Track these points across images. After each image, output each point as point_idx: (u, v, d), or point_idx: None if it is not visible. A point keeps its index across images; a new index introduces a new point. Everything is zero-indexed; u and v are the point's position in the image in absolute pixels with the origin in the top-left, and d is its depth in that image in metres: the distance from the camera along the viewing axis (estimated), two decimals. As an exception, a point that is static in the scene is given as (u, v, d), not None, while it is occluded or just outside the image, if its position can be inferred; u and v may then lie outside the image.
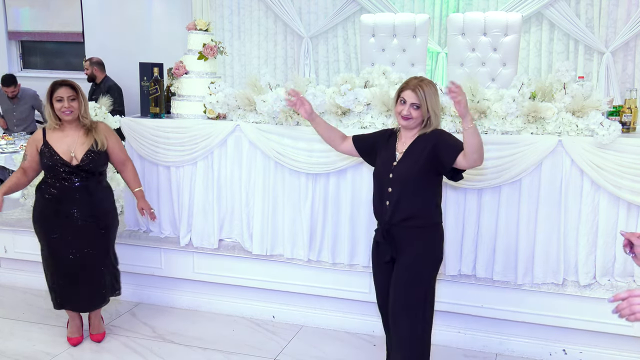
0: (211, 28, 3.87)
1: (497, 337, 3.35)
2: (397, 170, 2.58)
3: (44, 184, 3.24)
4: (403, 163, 2.58)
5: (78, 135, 3.20)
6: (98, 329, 3.46)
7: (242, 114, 3.66)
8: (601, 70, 5.34)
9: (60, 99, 3.13)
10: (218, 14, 6.40)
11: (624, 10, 5.25)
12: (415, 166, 2.54)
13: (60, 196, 3.18)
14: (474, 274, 3.34)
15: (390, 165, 2.60)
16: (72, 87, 3.17)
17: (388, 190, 2.59)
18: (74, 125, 3.21)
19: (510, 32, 4.78)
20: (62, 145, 3.16)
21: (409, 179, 2.55)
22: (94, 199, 3.25)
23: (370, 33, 5.09)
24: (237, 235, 3.78)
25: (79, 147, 3.17)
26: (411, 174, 2.55)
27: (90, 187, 3.23)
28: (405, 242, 2.58)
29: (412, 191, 2.55)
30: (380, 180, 2.65)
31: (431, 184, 2.59)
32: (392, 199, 2.58)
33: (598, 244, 3.17)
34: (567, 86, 3.17)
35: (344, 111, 3.43)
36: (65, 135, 3.19)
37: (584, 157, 3.07)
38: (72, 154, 3.16)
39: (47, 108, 3.16)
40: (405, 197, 2.56)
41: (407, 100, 2.53)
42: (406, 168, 2.56)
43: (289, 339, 3.50)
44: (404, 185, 2.55)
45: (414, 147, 2.57)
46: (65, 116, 3.15)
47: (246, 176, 3.67)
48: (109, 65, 6.59)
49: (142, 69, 3.87)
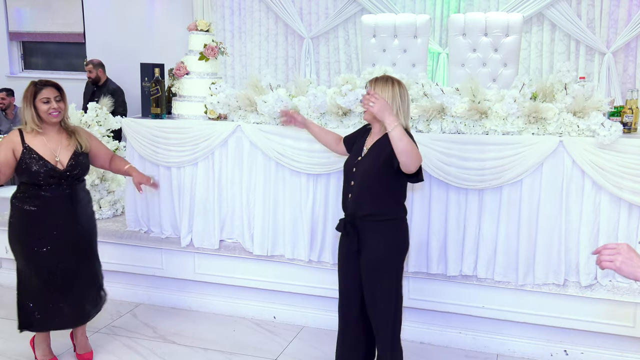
0: (212, 29, 3.88)
1: (498, 337, 3.34)
2: (360, 165, 2.64)
3: (22, 193, 2.97)
4: (366, 158, 2.64)
5: (60, 139, 2.99)
6: (85, 347, 3.25)
7: (243, 114, 3.66)
8: (602, 70, 5.34)
9: (47, 100, 2.90)
10: (219, 15, 6.40)
11: (625, 11, 5.25)
12: (375, 163, 2.59)
13: (46, 205, 2.94)
14: (475, 275, 3.34)
15: (355, 160, 2.68)
16: (57, 88, 2.97)
17: (351, 183, 2.66)
18: (56, 129, 2.99)
19: (512, 33, 4.78)
20: (45, 150, 2.93)
21: (369, 174, 2.60)
22: (80, 204, 3.07)
23: (371, 33, 5.09)
24: (238, 235, 3.78)
25: (63, 151, 2.97)
26: (371, 170, 2.60)
27: (75, 194, 3.04)
28: (367, 235, 2.63)
29: (371, 186, 2.60)
30: (346, 173, 2.73)
31: (392, 181, 2.60)
32: (354, 192, 2.65)
33: (599, 244, 3.16)
34: (568, 87, 3.17)
35: (345, 112, 3.43)
36: (48, 140, 2.96)
37: (585, 158, 3.07)
38: (57, 159, 2.94)
39: (29, 110, 2.90)
40: (365, 192, 2.61)
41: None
42: (367, 164, 2.62)
43: (289, 340, 3.50)
44: (364, 180, 2.61)
45: (378, 145, 2.63)
46: (52, 118, 2.92)
47: (247, 177, 3.68)
48: (110, 66, 6.60)
49: (143, 69, 3.88)
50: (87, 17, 7.10)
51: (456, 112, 3.22)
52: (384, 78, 2.63)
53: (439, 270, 3.37)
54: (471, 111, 3.20)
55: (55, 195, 2.96)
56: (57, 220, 2.98)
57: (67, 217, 3.01)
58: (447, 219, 3.34)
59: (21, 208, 2.97)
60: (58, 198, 2.97)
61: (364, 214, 2.62)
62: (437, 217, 3.32)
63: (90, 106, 4.26)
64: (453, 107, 3.23)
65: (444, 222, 3.34)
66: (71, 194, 3.02)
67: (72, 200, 3.03)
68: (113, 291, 4.04)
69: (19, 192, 2.99)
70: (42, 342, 3.19)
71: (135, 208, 3.96)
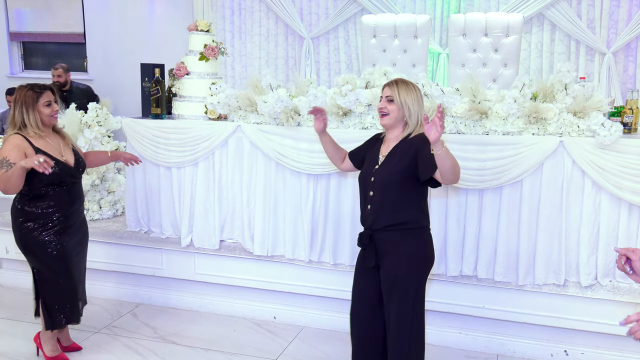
0: (212, 29, 3.88)
1: (499, 337, 3.34)
2: (378, 173, 2.55)
3: (33, 198, 2.98)
4: (384, 166, 2.55)
5: (57, 139, 3.08)
6: (69, 339, 3.33)
7: (243, 114, 3.66)
8: (602, 71, 5.34)
9: (49, 103, 2.98)
10: (219, 15, 6.40)
11: (625, 11, 5.25)
12: (395, 169, 2.50)
13: (57, 204, 3.01)
14: (475, 275, 3.34)
15: (372, 169, 2.58)
16: (52, 91, 3.04)
17: (369, 194, 2.57)
18: (50, 131, 3.06)
19: (512, 33, 4.78)
20: (54, 151, 3.01)
21: (390, 182, 2.50)
22: (81, 201, 3.20)
23: (372, 34, 5.09)
24: (238, 236, 3.78)
25: (65, 150, 3.07)
26: (392, 177, 2.50)
27: (80, 190, 3.17)
28: (389, 246, 2.52)
29: (393, 194, 2.50)
30: (363, 184, 2.63)
31: (413, 187, 2.52)
32: (374, 202, 2.54)
33: (599, 244, 3.16)
34: (569, 87, 3.17)
35: (345, 112, 3.43)
36: (50, 142, 3.02)
37: (585, 158, 3.07)
38: (64, 158, 3.03)
39: (33, 115, 2.93)
40: (387, 201, 2.51)
41: (383, 95, 2.57)
42: (387, 171, 2.52)
43: (290, 340, 3.50)
44: (385, 189, 2.51)
45: (396, 151, 2.54)
46: (54, 120, 3.03)
47: (247, 177, 3.68)
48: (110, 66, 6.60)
49: (144, 69, 3.88)
50: (87, 17, 7.10)
51: (456, 112, 3.22)
52: (404, 82, 2.55)
53: (439, 271, 3.37)
54: (471, 111, 3.20)
55: (65, 192, 3.05)
56: (68, 217, 3.07)
57: (75, 213, 3.13)
58: (447, 219, 3.34)
59: (32, 212, 2.98)
60: (68, 195, 3.06)
61: (385, 225, 2.51)
62: (437, 217, 3.32)
63: (90, 106, 4.26)
64: (453, 108, 3.23)
65: (444, 222, 3.34)
66: (77, 191, 3.14)
67: (78, 197, 3.15)
68: (113, 291, 4.05)
69: (29, 197, 2.98)
70: (50, 338, 3.20)
71: (136, 208, 3.96)
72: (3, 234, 4.19)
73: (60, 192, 3.02)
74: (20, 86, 3.00)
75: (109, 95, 5.48)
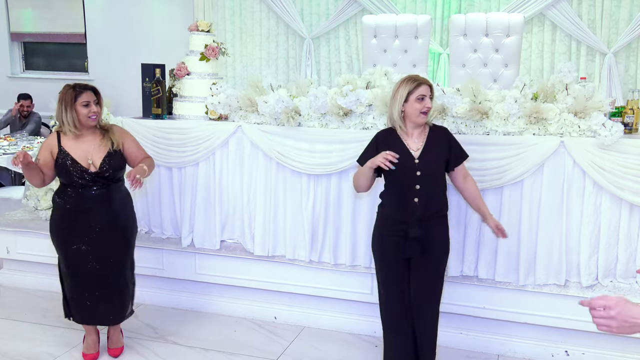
0: (213, 29, 3.88)
1: (499, 338, 3.34)
2: (423, 166, 2.64)
3: (61, 192, 3.06)
4: (425, 159, 2.66)
5: (94, 140, 3.03)
6: (117, 342, 3.31)
7: (243, 115, 3.66)
8: (603, 71, 5.34)
9: (87, 103, 2.95)
10: (220, 15, 6.41)
11: (626, 11, 5.25)
12: (437, 160, 2.70)
13: (78, 205, 3.02)
14: (476, 275, 3.34)
15: (412, 164, 2.65)
16: (95, 91, 3.02)
17: (415, 187, 2.64)
18: (91, 131, 3.04)
19: (512, 33, 4.78)
20: (78, 152, 2.99)
21: (437, 173, 2.70)
22: (115, 205, 3.09)
23: (372, 34, 5.09)
24: (238, 236, 3.78)
25: (95, 152, 3.01)
26: (436, 168, 2.69)
27: (110, 194, 3.07)
28: (436, 234, 2.72)
29: (439, 184, 2.72)
30: (406, 179, 2.65)
31: (445, 176, 2.79)
32: (422, 194, 2.65)
33: (600, 245, 3.16)
34: (569, 87, 3.17)
35: (346, 112, 3.43)
36: (82, 142, 3.01)
37: (586, 158, 3.06)
38: (90, 161, 2.99)
39: (70, 114, 2.94)
40: (434, 192, 2.70)
41: (426, 94, 2.67)
42: (431, 163, 2.67)
43: (290, 340, 3.50)
44: (433, 180, 2.68)
45: (430, 143, 2.70)
46: (91, 122, 2.99)
47: (248, 177, 3.68)
48: (111, 66, 6.60)
49: (144, 70, 3.88)
50: (88, 17, 7.11)
51: (457, 112, 3.22)
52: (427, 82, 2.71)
53: (439, 271, 3.36)
54: (472, 111, 3.20)
55: (90, 195, 3.03)
56: (90, 220, 3.03)
57: (101, 217, 3.05)
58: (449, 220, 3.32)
59: (59, 206, 3.08)
60: (93, 198, 3.03)
61: (434, 213, 2.70)
62: (438, 218, 3.32)
63: None
64: (454, 108, 3.23)
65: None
66: (106, 194, 3.06)
67: (107, 201, 3.06)
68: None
69: (59, 191, 3.10)
70: (88, 334, 3.27)
71: (136, 208, 3.95)
72: (3, 234, 4.19)
73: (79, 193, 3.02)
74: (66, 84, 3.02)
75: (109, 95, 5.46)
